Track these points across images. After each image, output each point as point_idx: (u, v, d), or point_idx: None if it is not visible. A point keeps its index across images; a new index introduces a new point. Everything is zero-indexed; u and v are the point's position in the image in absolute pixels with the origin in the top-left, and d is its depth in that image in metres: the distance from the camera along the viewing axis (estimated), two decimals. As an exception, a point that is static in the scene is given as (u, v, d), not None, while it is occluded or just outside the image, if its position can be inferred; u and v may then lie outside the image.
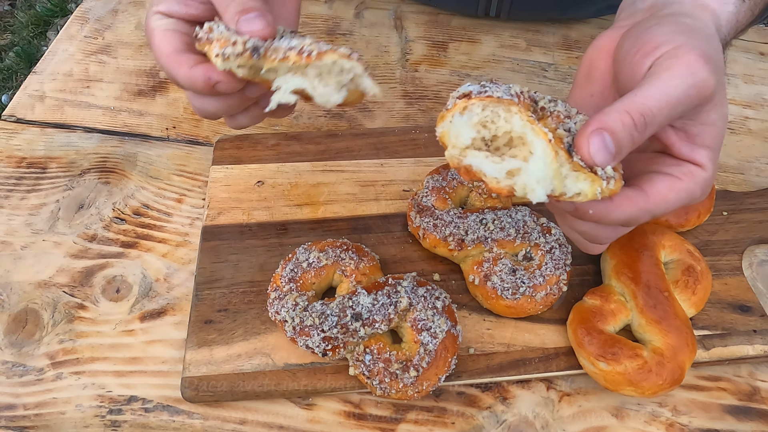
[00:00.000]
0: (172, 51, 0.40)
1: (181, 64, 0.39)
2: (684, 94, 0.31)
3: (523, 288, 0.50)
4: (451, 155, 0.32)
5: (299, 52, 0.35)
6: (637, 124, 0.31)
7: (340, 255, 0.52)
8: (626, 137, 0.31)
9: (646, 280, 0.50)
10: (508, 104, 0.31)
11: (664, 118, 0.32)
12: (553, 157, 0.31)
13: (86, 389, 0.50)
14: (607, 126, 0.31)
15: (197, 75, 0.38)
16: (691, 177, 0.34)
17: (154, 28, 0.41)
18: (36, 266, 0.58)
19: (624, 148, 0.31)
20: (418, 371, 0.46)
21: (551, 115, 0.34)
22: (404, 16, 0.83)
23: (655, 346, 0.47)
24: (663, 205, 0.34)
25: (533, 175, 0.31)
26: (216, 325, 0.52)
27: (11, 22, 2.33)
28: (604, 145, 0.31)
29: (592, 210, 0.34)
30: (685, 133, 0.35)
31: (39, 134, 0.68)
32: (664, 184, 0.34)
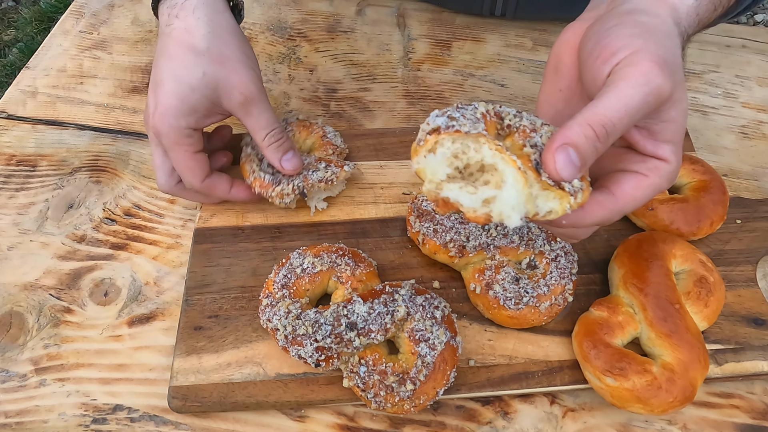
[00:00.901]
0: (204, 177, 0.52)
1: (219, 188, 0.54)
2: (642, 102, 0.33)
3: (526, 298, 0.48)
4: (429, 189, 0.34)
5: (326, 181, 0.55)
6: (599, 135, 0.32)
7: (335, 260, 0.50)
8: (589, 149, 0.33)
9: (656, 291, 0.47)
10: (476, 137, 0.33)
11: (624, 126, 0.33)
12: (524, 183, 0.32)
13: (70, 397, 0.48)
14: (571, 141, 0.32)
15: (240, 194, 0.55)
16: (656, 172, 0.36)
17: (183, 144, 0.50)
18: (22, 267, 0.56)
19: (588, 159, 0.33)
20: (416, 384, 0.43)
21: (518, 131, 0.35)
22: (407, 14, 0.80)
23: (666, 361, 0.45)
24: (632, 203, 0.36)
25: (507, 203, 0.32)
26: (206, 332, 0.50)
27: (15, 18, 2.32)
28: (569, 160, 0.32)
29: (565, 221, 0.35)
30: (647, 131, 0.36)
31: (30, 131, 0.66)
32: (631, 183, 0.36)
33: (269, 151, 0.52)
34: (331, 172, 0.55)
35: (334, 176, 0.55)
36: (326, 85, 0.72)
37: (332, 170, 0.55)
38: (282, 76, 0.72)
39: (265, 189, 0.54)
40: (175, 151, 0.50)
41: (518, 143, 0.34)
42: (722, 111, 0.69)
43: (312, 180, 0.54)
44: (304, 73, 0.73)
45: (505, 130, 0.35)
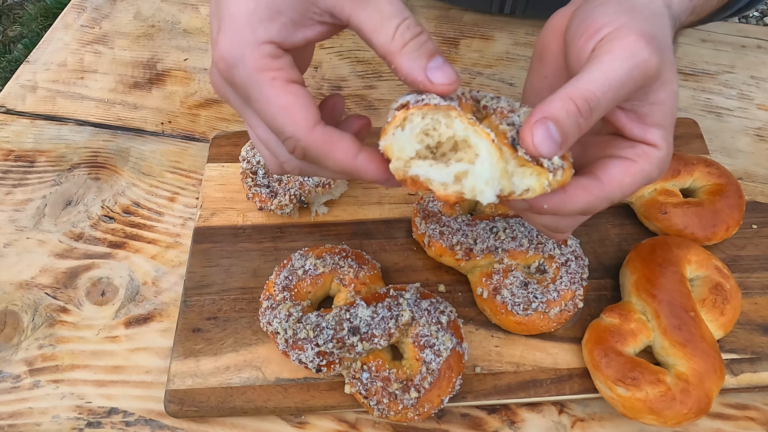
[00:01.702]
0: (314, 123, 0.31)
1: (337, 148, 0.32)
2: (627, 75, 0.31)
3: (535, 303, 0.46)
4: (396, 167, 0.31)
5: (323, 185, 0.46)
6: (581, 110, 0.30)
7: (338, 262, 0.48)
8: (571, 125, 0.30)
9: (670, 298, 0.46)
10: (446, 110, 0.30)
11: (609, 101, 0.31)
12: (498, 156, 0.30)
13: (64, 399, 0.47)
14: (551, 114, 0.30)
15: (370, 170, 0.32)
16: (645, 158, 0.34)
17: (265, 69, 0.31)
18: (18, 265, 0.54)
19: (570, 136, 0.30)
20: (420, 392, 0.42)
21: (494, 113, 0.33)
22: (414, 11, 0.79)
23: (680, 371, 0.43)
24: (619, 190, 0.33)
25: (480, 177, 0.30)
26: (204, 334, 0.48)
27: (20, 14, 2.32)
28: (548, 134, 0.30)
29: (546, 205, 0.33)
30: (635, 114, 0.34)
31: (29, 126, 0.65)
32: (619, 168, 0.33)
33: (406, 57, 0.31)
34: None
35: (330, 179, 0.54)
36: (331, 83, 0.70)
37: None
38: (286, 72, 0.71)
39: (264, 203, 0.53)
40: (257, 88, 0.31)
41: (494, 124, 0.32)
42: (737, 113, 0.67)
43: (309, 186, 0.53)
44: (309, 70, 0.72)
45: (482, 112, 0.33)
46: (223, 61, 0.31)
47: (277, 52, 0.32)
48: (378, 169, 0.32)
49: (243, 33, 0.31)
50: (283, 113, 0.31)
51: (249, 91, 0.32)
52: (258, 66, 0.31)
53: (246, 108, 0.34)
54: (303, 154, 0.32)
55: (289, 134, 0.31)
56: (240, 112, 0.35)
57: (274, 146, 0.34)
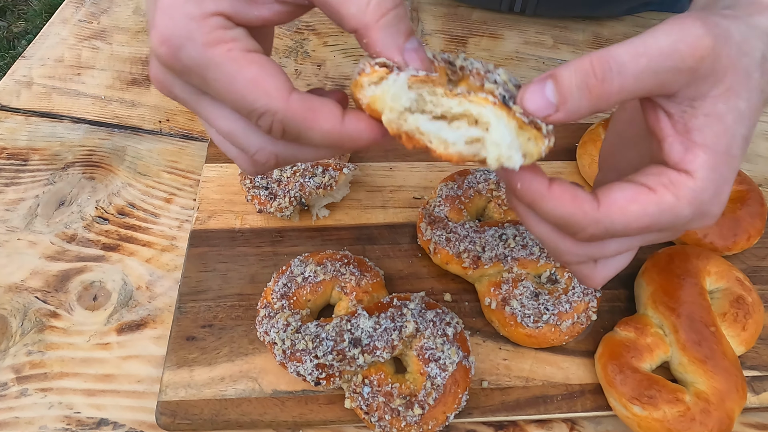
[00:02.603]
0: (289, 92, 0.26)
1: (321, 116, 0.26)
2: (670, 46, 0.25)
3: (546, 315, 0.44)
4: (390, 120, 0.26)
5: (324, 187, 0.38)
6: (595, 69, 0.25)
7: (339, 269, 0.46)
8: (575, 84, 0.25)
9: (689, 311, 0.43)
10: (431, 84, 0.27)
11: (639, 70, 0.25)
12: (508, 115, 0.26)
13: (52, 409, 0.45)
14: (554, 72, 0.26)
15: (362, 132, 0.27)
16: (671, 188, 0.26)
17: (218, 42, 0.26)
18: (8, 267, 0.52)
19: (572, 98, 0.25)
20: (424, 409, 0.40)
21: (471, 74, 0.29)
22: (421, 8, 0.77)
23: (699, 389, 0.41)
24: (621, 219, 0.26)
25: (502, 142, 0.26)
26: (199, 343, 0.46)
27: (25, 10, 2.31)
28: (540, 90, 0.25)
29: (520, 184, 0.27)
30: (683, 126, 0.27)
31: (23, 123, 0.63)
32: (626, 192, 0.27)
33: (384, 32, 0.26)
34: (329, 176, 0.51)
35: (332, 181, 0.51)
36: (335, 81, 0.68)
37: (330, 174, 0.51)
38: (288, 70, 0.69)
39: (263, 206, 0.51)
40: (214, 66, 0.26)
41: (475, 84, 0.28)
42: (756, 116, 0.64)
43: (309, 187, 0.51)
44: (312, 68, 0.69)
45: (458, 74, 0.29)
46: (165, 44, 0.26)
47: (229, 24, 0.27)
48: (371, 129, 0.27)
49: (186, 7, 0.26)
50: (251, 87, 0.26)
51: (204, 73, 0.26)
52: (209, 40, 0.26)
53: (200, 99, 0.29)
54: (282, 130, 0.27)
55: (263, 109, 0.26)
56: (193, 107, 0.29)
57: (242, 137, 0.29)
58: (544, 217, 0.28)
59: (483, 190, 0.51)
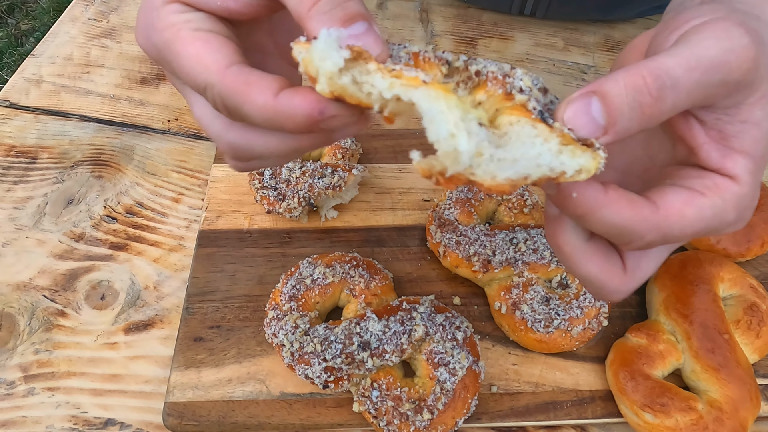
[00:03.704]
0: (228, 64, 0.25)
1: (255, 89, 0.24)
2: (720, 57, 0.24)
3: (557, 321, 0.43)
4: (322, 89, 0.23)
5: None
6: (649, 85, 0.23)
7: (348, 271, 0.46)
8: (627, 102, 0.23)
9: (703, 318, 0.43)
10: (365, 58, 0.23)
11: (693, 85, 0.23)
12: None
13: (59, 408, 0.45)
14: (600, 88, 0.23)
15: (295, 107, 0.24)
16: (717, 191, 0.25)
17: (173, 25, 0.26)
18: (16, 266, 0.52)
19: (623, 117, 0.23)
20: (433, 414, 0.39)
21: (489, 79, 0.25)
22: (431, 9, 0.76)
23: (712, 397, 0.40)
24: (678, 222, 0.25)
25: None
26: (206, 344, 0.46)
27: (33, 8, 2.32)
28: (586, 110, 0.23)
29: (576, 193, 0.24)
30: (718, 132, 0.26)
31: (32, 121, 0.63)
32: (680, 196, 0.25)
33: (315, 21, 0.25)
34: (338, 177, 0.51)
35: (341, 181, 0.51)
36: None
37: (339, 175, 0.51)
38: (297, 70, 0.69)
39: (272, 206, 0.51)
40: (168, 47, 0.27)
41: (498, 93, 0.25)
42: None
43: (318, 188, 0.50)
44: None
45: (474, 80, 0.25)
46: (140, 35, 0.28)
47: (185, 8, 0.27)
48: (306, 103, 0.24)
49: (150, 1, 0.27)
50: (193, 62, 0.26)
51: (164, 55, 0.27)
52: (164, 25, 0.26)
53: (182, 86, 0.28)
54: (223, 105, 0.26)
55: (203, 83, 0.25)
56: (184, 96, 0.30)
57: (207, 123, 0.28)
58: (599, 227, 0.26)
59: (494, 194, 0.50)
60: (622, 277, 0.27)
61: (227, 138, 0.28)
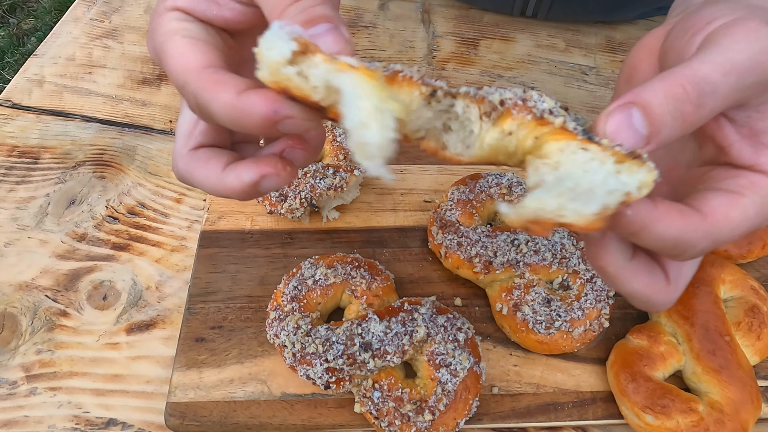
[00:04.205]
0: (206, 65, 0.27)
1: (222, 87, 0.25)
2: (754, 59, 0.24)
3: (558, 322, 0.43)
4: (264, 77, 0.23)
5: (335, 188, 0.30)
6: (689, 94, 0.23)
7: (350, 272, 0.46)
8: (669, 112, 0.23)
9: (704, 320, 0.43)
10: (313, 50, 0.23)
11: (729, 89, 0.24)
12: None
13: (61, 408, 0.45)
14: (640, 98, 0.23)
15: (253, 105, 0.25)
16: (755, 189, 0.26)
17: (170, 31, 0.28)
18: (18, 266, 0.53)
19: (665, 127, 0.23)
20: (434, 414, 0.39)
21: (512, 107, 0.24)
22: (432, 10, 0.76)
23: (713, 399, 0.41)
24: (727, 226, 0.25)
25: (610, 182, 0.22)
26: (208, 344, 0.46)
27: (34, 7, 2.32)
28: (628, 122, 0.23)
29: (630, 211, 0.24)
30: (749, 130, 0.27)
31: (34, 121, 0.63)
32: (722, 200, 0.26)
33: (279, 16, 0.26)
34: (339, 178, 0.51)
35: (343, 182, 0.51)
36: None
37: (341, 176, 0.51)
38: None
39: (274, 207, 0.51)
40: (162, 49, 0.28)
41: (527, 119, 0.24)
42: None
43: (320, 188, 0.50)
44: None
45: (498, 110, 0.24)
46: (147, 39, 0.30)
47: (184, 17, 0.29)
48: (263, 101, 0.24)
49: (158, 8, 0.29)
50: (176, 61, 0.27)
51: (159, 57, 0.29)
52: (164, 30, 0.28)
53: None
54: (196, 103, 0.27)
55: (182, 81, 0.27)
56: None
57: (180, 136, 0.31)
58: (652, 243, 0.25)
59: (495, 195, 0.51)
60: (667, 288, 0.28)
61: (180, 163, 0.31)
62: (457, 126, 0.25)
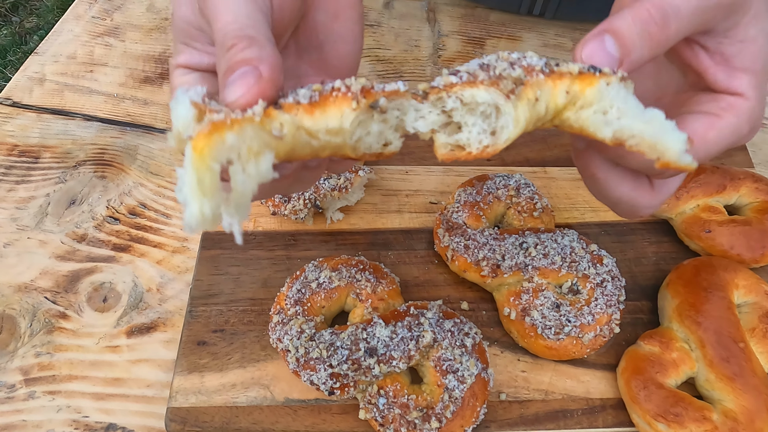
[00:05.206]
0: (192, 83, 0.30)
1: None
2: None
3: (568, 327, 0.42)
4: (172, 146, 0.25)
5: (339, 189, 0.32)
6: (653, 15, 0.26)
7: (354, 275, 0.45)
8: (637, 33, 0.26)
9: (717, 326, 0.42)
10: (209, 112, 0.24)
11: (692, 9, 0.26)
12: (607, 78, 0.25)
13: (60, 412, 0.44)
14: (610, 26, 0.26)
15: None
16: (732, 111, 0.29)
17: (175, 86, 0.32)
18: (18, 267, 0.52)
19: (636, 48, 0.26)
20: (441, 422, 0.38)
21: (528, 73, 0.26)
22: (438, 9, 0.75)
23: (727, 407, 0.40)
24: (703, 147, 0.28)
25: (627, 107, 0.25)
26: (210, 348, 0.45)
27: (37, 6, 2.32)
28: (601, 46, 0.26)
29: None
30: (720, 56, 0.29)
31: (35, 120, 0.62)
32: (701, 122, 0.29)
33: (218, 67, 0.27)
34: (344, 178, 0.50)
35: (348, 183, 0.50)
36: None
37: (345, 177, 0.51)
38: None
39: (277, 208, 0.50)
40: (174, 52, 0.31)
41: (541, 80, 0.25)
42: (782, 124, 0.63)
43: (324, 189, 0.50)
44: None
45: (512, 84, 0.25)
46: None
47: (185, 72, 0.31)
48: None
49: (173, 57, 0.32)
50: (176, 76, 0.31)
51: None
52: (171, 82, 0.31)
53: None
54: None
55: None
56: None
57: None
58: (634, 164, 0.28)
59: (502, 196, 0.50)
60: (651, 192, 0.30)
61: None
62: (472, 119, 0.25)
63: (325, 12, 0.33)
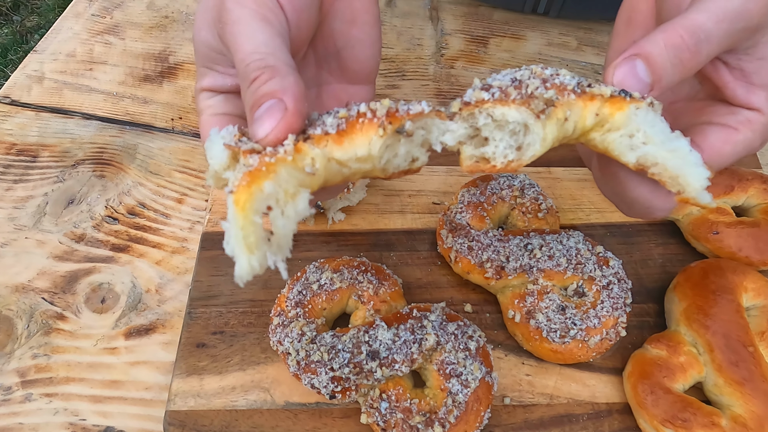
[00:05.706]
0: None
1: None
2: (742, 7, 0.27)
3: (573, 330, 0.42)
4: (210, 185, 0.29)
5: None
6: (687, 42, 0.27)
7: (356, 277, 0.44)
8: (669, 60, 0.27)
9: (726, 330, 0.41)
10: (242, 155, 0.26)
11: (722, 35, 0.27)
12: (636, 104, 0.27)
13: (57, 415, 0.44)
14: (642, 50, 0.27)
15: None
16: (748, 126, 0.30)
17: (201, 110, 0.33)
18: (15, 267, 0.51)
19: (666, 74, 0.27)
20: (445, 427, 0.38)
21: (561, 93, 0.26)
22: (441, 7, 0.75)
23: (736, 413, 0.39)
24: (718, 159, 0.30)
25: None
26: (209, 350, 0.45)
27: (38, 5, 2.32)
28: (632, 72, 0.27)
29: None
30: (740, 71, 0.30)
31: (33, 119, 0.62)
32: (719, 135, 0.30)
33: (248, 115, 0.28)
34: None
35: (349, 182, 0.50)
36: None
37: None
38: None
39: None
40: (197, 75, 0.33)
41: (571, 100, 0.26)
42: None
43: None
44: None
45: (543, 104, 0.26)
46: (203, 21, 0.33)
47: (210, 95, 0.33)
48: None
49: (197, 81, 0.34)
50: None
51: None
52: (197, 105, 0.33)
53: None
54: None
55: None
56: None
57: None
58: None
59: (506, 197, 0.49)
60: (667, 196, 0.31)
61: None
62: (500, 135, 0.26)
63: (342, 19, 0.33)
